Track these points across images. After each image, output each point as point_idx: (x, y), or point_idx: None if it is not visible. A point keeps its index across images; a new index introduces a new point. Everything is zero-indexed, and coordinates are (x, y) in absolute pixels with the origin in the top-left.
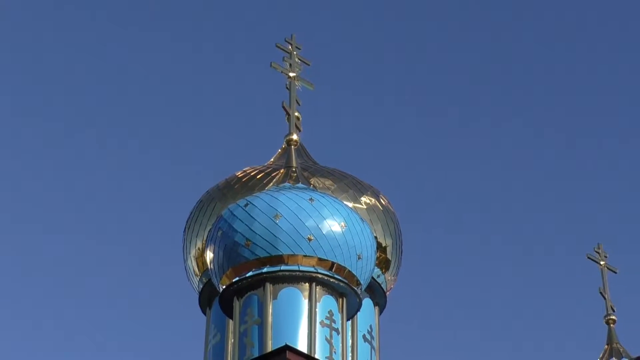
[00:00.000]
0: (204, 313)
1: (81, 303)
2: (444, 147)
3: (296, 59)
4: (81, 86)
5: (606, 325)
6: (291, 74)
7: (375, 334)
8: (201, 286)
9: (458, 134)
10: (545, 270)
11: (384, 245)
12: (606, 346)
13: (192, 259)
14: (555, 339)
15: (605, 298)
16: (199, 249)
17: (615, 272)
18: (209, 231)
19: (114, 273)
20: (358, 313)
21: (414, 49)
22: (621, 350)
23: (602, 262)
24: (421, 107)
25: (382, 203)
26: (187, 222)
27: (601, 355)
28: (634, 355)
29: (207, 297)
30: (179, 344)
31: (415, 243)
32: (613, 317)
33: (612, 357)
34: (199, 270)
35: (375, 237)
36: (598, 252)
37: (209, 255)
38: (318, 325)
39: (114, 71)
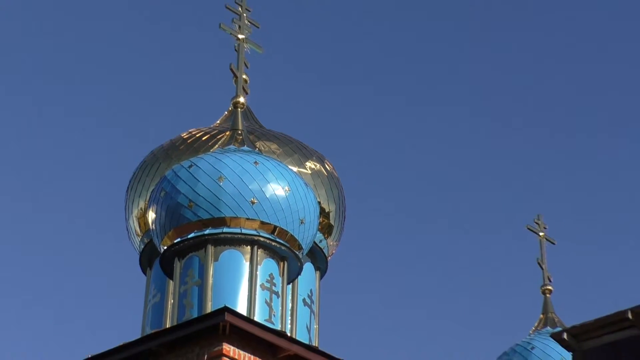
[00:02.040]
0: (145, 273)
1: (20, 260)
2: (391, 115)
3: (246, 22)
4: (19, 47)
5: (542, 295)
6: (240, 36)
7: (315, 298)
8: (142, 246)
9: (404, 101)
10: (485, 240)
11: (327, 210)
12: (541, 315)
13: (134, 219)
14: (493, 308)
15: (542, 268)
16: (141, 209)
17: (554, 243)
18: (151, 192)
19: (53, 231)
20: (299, 277)
21: (362, 14)
22: (556, 320)
23: (541, 233)
24: (369, 74)
25: (326, 168)
26: (130, 182)
27: (536, 324)
28: (568, 325)
29: (147, 257)
30: (118, 304)
31: (358, 209)
32: (549, 287)
33: (546, 326)
34: (140, 230)
35: (319, 202)
36: (537, 223)
37: (151, 215)
38: (258, 288)
39: (55, 31)
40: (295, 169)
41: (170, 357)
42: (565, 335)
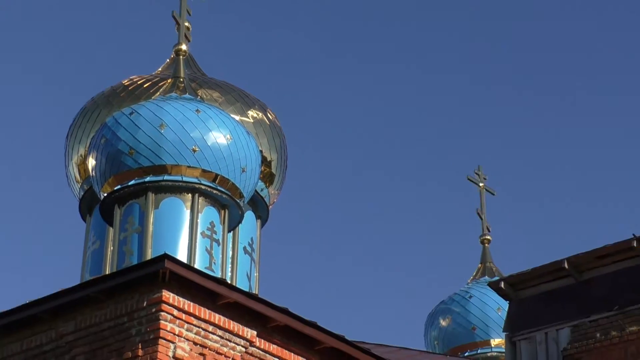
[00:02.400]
0: (84, 220)
1: None
2: (333, 64)
3: None
4: None
5: (481, 245)
6: None
7: (256, 246)
8: (82, 193)
9: (346, 52)
10: (426, 190)
11: (268, 159)
12: (480, 265)
13: (74, 165)
14: (433, 257)
15: (482, 219)
16: (81, 155)
17: (494, 194)
18: (92, 138)
19: None
20: (239, 225)
21: None
22: (494, 269)
23: (481, 184)
24: (312, 23)
25: (269, 117)
26: (70, 128)
27: (474, 274)
28: (506, 274)
29: (87, 204)
30: (58, 250)
31: (300, 158)
32: (488, 237)
33: (484, 275)
34: (80, 177)
35: (261, 151)
36: (478, 174)
37: (92, 162)
38: (199, 236)
39: None
40: (237, 117)
41: (109, 303)
42: (502, 284)
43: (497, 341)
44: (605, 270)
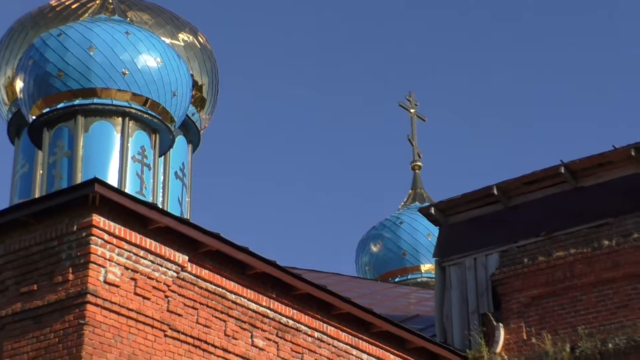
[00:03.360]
0: (13, 143)
1: None
2: None
3: None
4: None
5: (412, 171)
6: None
7: (187, 171)
8: (10, 116)
9: None
10: (358, 116)
11: (200, 83)
12: (410, 191)
13: (1, 87)
14: (364, 183)
15: (412, 145)
16: (9, 77)
17: (424, 120)
18: (19, 59)
19: None
20: (171, 150)
21: None
22: (424, 195)
23: (412, 110)
24: None
25: (200, 41)
26: None
27: (405, 199)
28: (436, 200)
29: (16, 126)
30: None
31: (231, 83)
32: (419, 164)
33: (415, 201)
34: (8, 99)
35: (192, 75)
36: (409, 100)
37: (19, 84)
38: (130, 160)
39: None
40: (167, 40)
41: (39, 227)
42: (432, 210)
43: (427, 267)
44: (533, 197)
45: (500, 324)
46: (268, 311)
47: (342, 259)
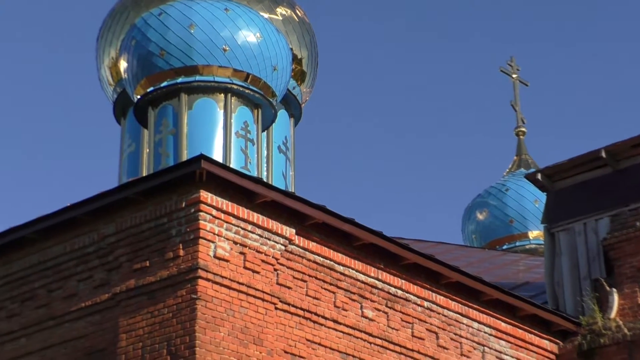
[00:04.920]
0: (119, 123)
1: None
2: None
3: None
4: None
5: (516, 137)
6: None
7: (290, 145)
8: (115, 96)
9: None
10: (460, 81)
11: (299, 57)
12: (515, 157)
13: (106, 68)
14: (468, 151)
15: (516, 110)
16: (112, 58)
17: (527, 85)
18: (122, 40)
19: (28, 84)
20: (273, 124)
21: None
22: (530, 161)
23: (514, 75)
24: None
25: (297, 14)
26: (100, 30)
27: (510, 166)
28: (542, 166)
29: (121, 107)
30: (94, 154)
31: (330, 55)
32: (523, 129)
33: (520, 168)
34: (113, 80)
35: (291, 49)
36: (511, 66)
37: (123, 64)
38: (233, 136)
39: None
40: (266, 15)
41: (147, 205)
42: (539, 176)
43: (535, 233)
44: None
45: (614, 289)
46: (376, 282)
47: (448, 228)
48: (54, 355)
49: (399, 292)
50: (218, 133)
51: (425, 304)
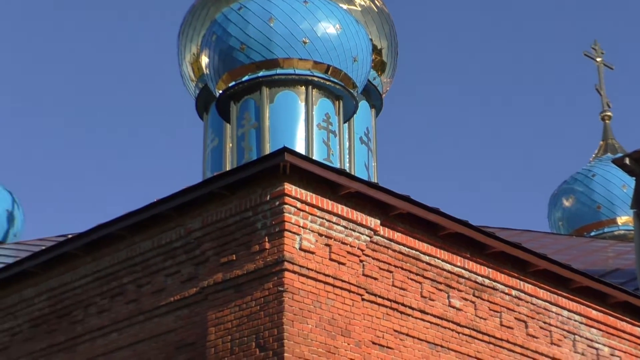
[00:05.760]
0: (201, 118)
1: (84, 111)
2: None
3: None
4: None
5: (602, 122)
6: None
7: (372, 135)
8: (197, 91)
9: None
10: (543, 67)
11: (379, 47)
12: (601, 142)
13: (188, 64)
14: (553, 136)
15: (601, 95)
16: (194, 54)
17: (612, 69)
18: (203, 36)
19: (111, 82)
20: (355, 115)
21: None
22: (616, 146)
23: (598, 59)
24: None
25: (376, 4)
26: (181, 27)
27: (597, 151)
28: (629, 151)
29: (203, 102)
30: (178, 149)
31: (410, 45)
32: (609, 114)
33: (607, 152)
34: (194, 75)
35: (371, 39)
36: (595, 49)
37: (204, 60)
38: (315, 128)
39: None
40: (345, 6)
41: (233, 199)
42: (627, 160)
43: (624, 219)
44: None
45: None
46: (463, 271)
47: (534, 215)
48: (144, 350)
49: (486, 281)
50: (300, 125)
51: (513, 292)
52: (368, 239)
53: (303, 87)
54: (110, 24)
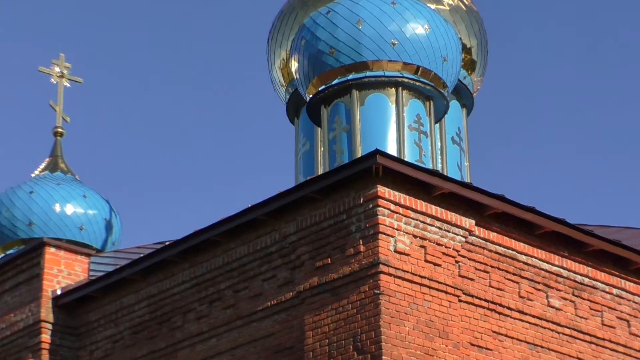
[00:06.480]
0: (292, 123)
1: (178, 119)
2: None
3: None
4: None
5: None
6: None
7: (463, 135)
8: (287, 97)
9: None
10: (622, 65)
11: (468, 46)
12: None
13: (277, 69)
14: None
15: None
16: (283, 59)
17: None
18: (292, 41)
19: (203, 89)
20: (445, 115)
21: None
22: None
23: None
24: None
25: (465, 3)
26: (270, 33)
27: None
28: None
29: (294, 106)
30: (269, 154)
31: (500, 43)
32: None
33: None
34: (284, 80)
35: (460, 38)
36: None
37: (294, 65)
38: (406, 130)
39: None
40: (433, 6)
41: (326, 202)
42: None
43: None
44: None
45: None
46: (561, 270)
47: (633, 212)
48: (243, 355)
49: (586, 280)
50: (391, 127)
51: (614, 291)
52: (463, 239)
53: (393, 88)
54: (201, 32)
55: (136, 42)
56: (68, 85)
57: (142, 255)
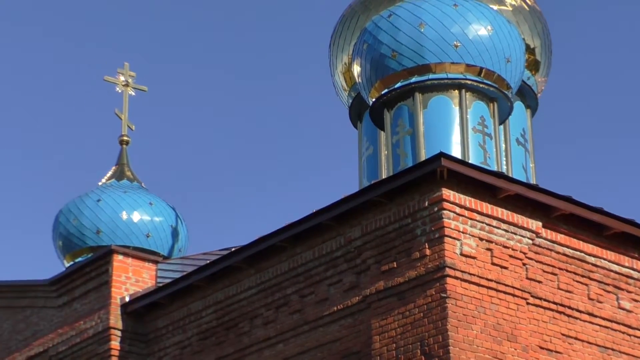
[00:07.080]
0: (355, 127)
1: (241, 126)
2: None
3: None
4: None
5: None
6: None
7: (528, 137)
8: (350, 101)
9: None
10: None
11: (532, 46)
12: None
13: (339, 74)
14: None
15: None
16: (345, 63)
17: None
18: (354, 45)
19: (266, 95)
20: (510, 117)
21: None
22: None
23: None
24: None
25: (527, 3)
26: (331, 37)
27: None
28: None
29: (357, 111)
30: (333, 158)
31: (564, 42)
32: None
33: None
34: (347, 85)
35: (523, 39)
36: None
37: (356, 69)
38: (470, 132)
39: None
40: (495, 7)
41: (391, 206)
42: None
43: None
44: None
45: None
46: (632, 272)
47: None
48: (311, 359)
49: None
50: (455, 130)
51: None
52: (530, 241)
53: (456, 90)
54: (264, 39)
55: (199, 50)
56: (133, 93)
57: (208, 261)
